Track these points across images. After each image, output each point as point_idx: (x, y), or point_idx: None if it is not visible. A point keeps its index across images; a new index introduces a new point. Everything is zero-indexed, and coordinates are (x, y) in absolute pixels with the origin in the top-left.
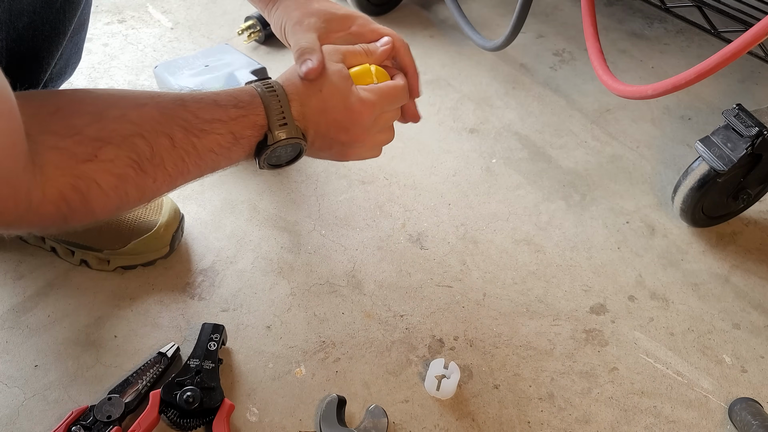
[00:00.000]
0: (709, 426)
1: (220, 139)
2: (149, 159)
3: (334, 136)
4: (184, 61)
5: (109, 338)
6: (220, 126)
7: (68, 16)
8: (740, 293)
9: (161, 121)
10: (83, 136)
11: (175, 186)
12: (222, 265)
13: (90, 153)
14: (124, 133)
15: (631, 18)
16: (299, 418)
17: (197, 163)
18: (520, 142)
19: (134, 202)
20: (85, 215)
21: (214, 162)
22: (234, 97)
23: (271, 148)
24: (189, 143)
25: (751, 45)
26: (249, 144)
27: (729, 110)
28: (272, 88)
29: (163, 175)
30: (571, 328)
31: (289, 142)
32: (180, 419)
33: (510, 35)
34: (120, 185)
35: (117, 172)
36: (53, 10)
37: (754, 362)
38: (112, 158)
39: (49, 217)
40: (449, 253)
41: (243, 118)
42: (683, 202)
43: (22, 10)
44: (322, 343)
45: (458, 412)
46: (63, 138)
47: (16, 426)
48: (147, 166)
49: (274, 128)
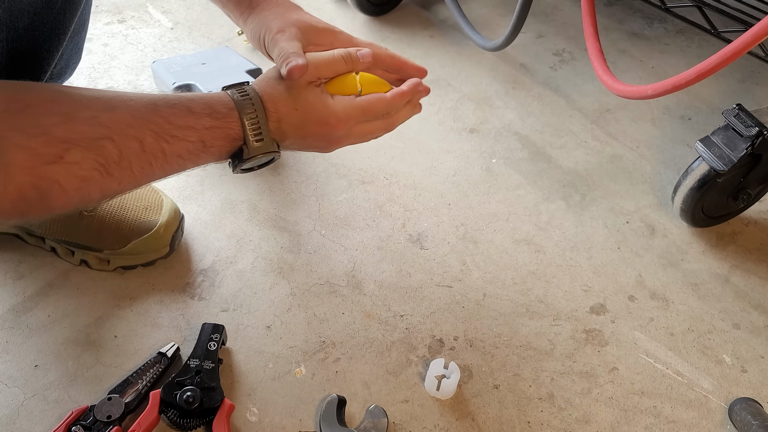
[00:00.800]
0: (709, 426)
1: (189, 146)
2: (116, 162)
3: (311, 144)
4: (182, 59)
5: (109, 338)
6: (191, 134)
7: (68, 16)
8: (740, 293)
9: (133, 124)
10: (51, 136)
11: (137, 186)
12: (222, 265)
13: (56, 155)
14: (93, 136)
15: (631, 18)
16: (299, 418)
17: (164, 167)
18: (520, 142)
19: (95, 201)
20: (42, 212)
21: (180, 166)
22: (209, 105)
23: (246, 163)
24: (158, 148)
25: (751, 45)
26: (219, 152)
27: (729, 110)
28: (249, 100)
29: (128, 177)
30: (571, 328)
31: (265, 156)
32: (180, 419)
33: (510, 35)
34: (83, 187)
35: (81, 174)
36: (53, 11)
37: (754, 362)
38: (78, 161)
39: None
40: (449, 253)
41: (217, 129)
42: (683, 202)
43: (23, 10)
44: (322, 343)
45: (458, 412)
46: (30, 137)
47: (16, 426)
48: (113, 170)
49: (249, 143)
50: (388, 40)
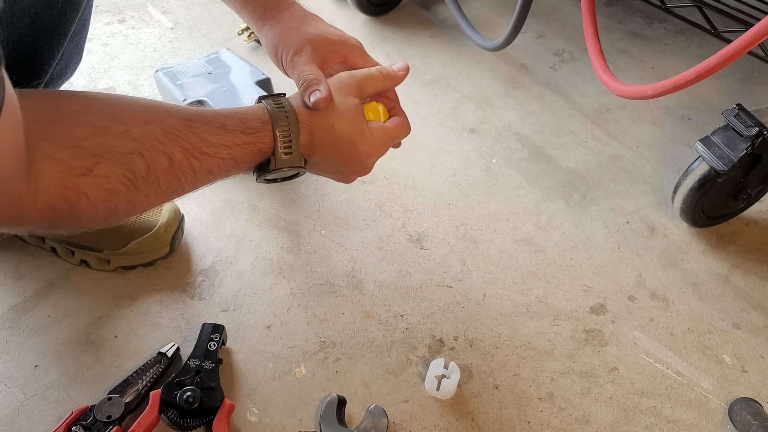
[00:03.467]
0: (709, 426)
1: (220, 163)
2: (144, 177)
3: (337, 166)
4: (183, 67)
5: (109, 338)
6: (223, 151)
7: (69, 17)
8: (740, 293)
9: (163, 140)
10: (82, 149)
11: (166, 201)
12: (222, 265)
13: (85, 167)
14: (123, 150)
15: (631, 18)
16: (299, 418)
17: (192, 182)
18: (520, 142)
19: (123, 215)
20: (71, 224)
21: (209, 180)
22: (243, 122)
23: (271, 174)
24: (188, 164)
25: (751, 45)
26: (248, 166)
27: (729, 110)
28: (284, 111)
29: (155, 191)
30: (571, 328)
31: (291, 169)
32: (180, 419)
33: (510, 35)
34: (110, 199)
35: (109, 187)
36: (54, 12)
37: (754, 362)
38: (106, 174)
39: (36, 223)
40: (449, 253)
41: (249, 145)
42: (683, 202)
43: (24, 10)
44: (322, 343)
45: (458, 412)
46: (62, 148)
47: (16, 426)
48: (140, 184)
49: (278, 155)
50: (388, 40)
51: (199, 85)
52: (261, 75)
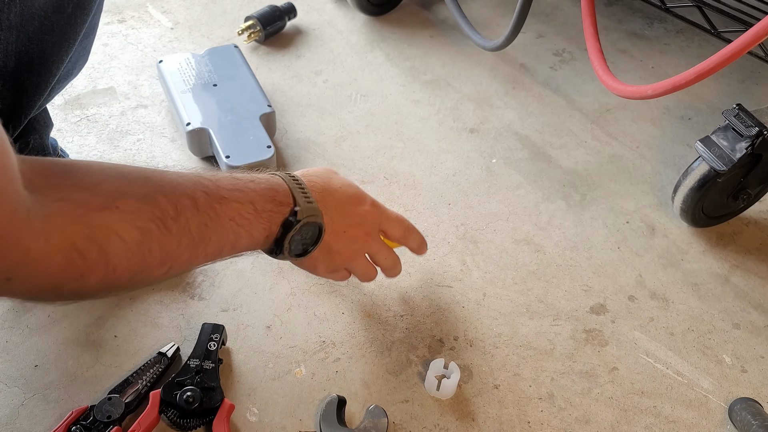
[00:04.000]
0: (709, 426)
1: (240, 208)
2: (173, 218)
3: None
4: (187, 64)
5: (109, 338)
6: (240, 195)
7: (79, 21)
8: (740, 293)
9: (183, 183)
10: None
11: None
12: (222, 265)
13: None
14: (144, 191)
15: (631, 18)
16: (299, 418)
17: (218, 232)
18: (520, 142)
19: (155, 267)
20: (105, 272)
21: (233, 233)
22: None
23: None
24: (211, 208)
25: (751, 45)
26: (269, 218)
27: (729, 110)
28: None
29: (187, 238)
30: (571, 328)
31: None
32: (180, 419)
33: (510, 35)
34: (144, 241)
35: (140, 225)
36: (64, 16)
37: (754, 362)
38: (133, 210)
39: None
40: (449, 253)
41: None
42: (683, 202)
43: (33, 14)
44: (322, 343)
45: (458, 412)
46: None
47: (16, 426)
48: (171, 225)
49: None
50: (388, 40)
51: (203, 105)
52: (266, 108)
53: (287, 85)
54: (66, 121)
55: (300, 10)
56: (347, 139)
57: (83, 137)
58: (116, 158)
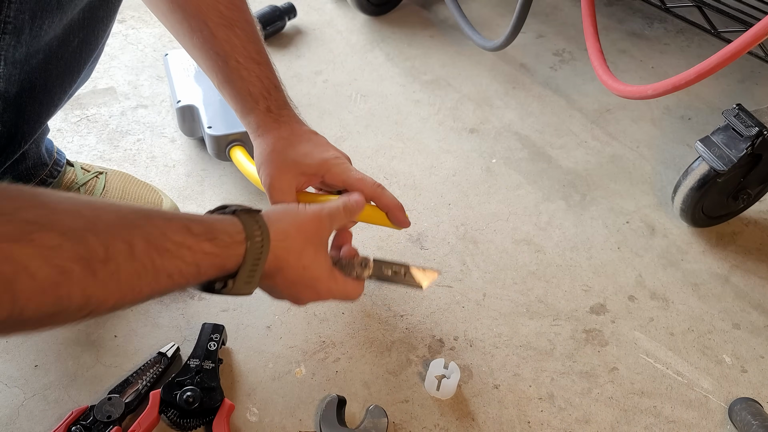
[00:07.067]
0: (709, 426)
1: (182, 267)
2: (102, 261)
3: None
4: None
5: (109, 338)
6: (188, 254)
7: (84, 56)
8: (740, 293)
9: (120, 225)
10: (13, 217)
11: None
12: None
13: (21, 233)
14: (73, 226)
15: (631, 18)
16: (299, 418)
17: (151, 285)
18: (520, 142)
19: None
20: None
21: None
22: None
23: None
24: (149, 259)
25: (751, 45)
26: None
27: (729, 110)
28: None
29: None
30: (571, 328)
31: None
32: (180, 419)
33: (510, 35)
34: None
35: (58, 263)
36: (69, 49)
37: (754, 362)
38: (53, 246)
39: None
40: (449, 253)
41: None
42: (683, 202)
43: (39, 49)
44: (322, 343)
45: (458, 412)
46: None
47: (16, 426)
48: (98, 269)
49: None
50: (388, 40)
51: (196, 87)
52: None
53: (287, 85)
54: (66, 121)
55: (300, 10)
56: (347, 139)
57: (83, 137)
58: (116, 158)
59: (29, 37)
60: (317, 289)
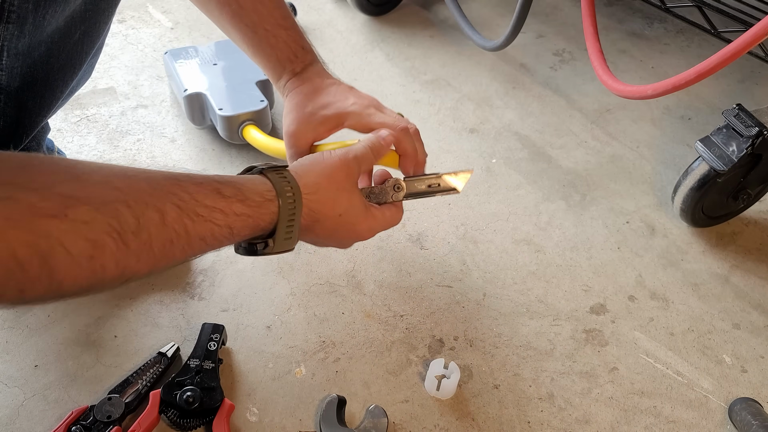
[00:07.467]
0: (709, 426)
1: (215, 230)
2: (134, 232)
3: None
4: (195, 51)
5: (109, 338)
6: (219, 217)
7: (86, 48)
8: (740, 293)
9: (152, 193)
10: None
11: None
12: (222, 265)
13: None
14: (104, 198)
15: (631, 18)
16: (299, 418)
17: (185, 250)
18: (520, 142)
19: (109, 281)
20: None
21: (200, 251)
22: (241, 191)
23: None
24: (181, 225)
25: (751, 45)
26: (242, 239)
27: (729, 110)
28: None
29: (147, 254)
30: (571, 328)
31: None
32: (180, 419)
33: (510, 35)
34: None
35: (92, 237)
36: (71, 42)
37: (754, 362)
38: (86, 220)
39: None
40: (449, 253)
41: (247, 218)
42: (683, 202)
43: (41, 41)
44: (322, 343)
45: (458, 412)
46: (23, 190)
47: (16, 426)
48: (130, 240)
49: (278, 239)
50: (388, 40)
51: (201, 76)
52: (263, 75)
53: None
54: (66, 121)
55: (300, 10)
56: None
57: (83, 137)
58: (116, 158)
59: (32, 27)
60: (358, 232)
